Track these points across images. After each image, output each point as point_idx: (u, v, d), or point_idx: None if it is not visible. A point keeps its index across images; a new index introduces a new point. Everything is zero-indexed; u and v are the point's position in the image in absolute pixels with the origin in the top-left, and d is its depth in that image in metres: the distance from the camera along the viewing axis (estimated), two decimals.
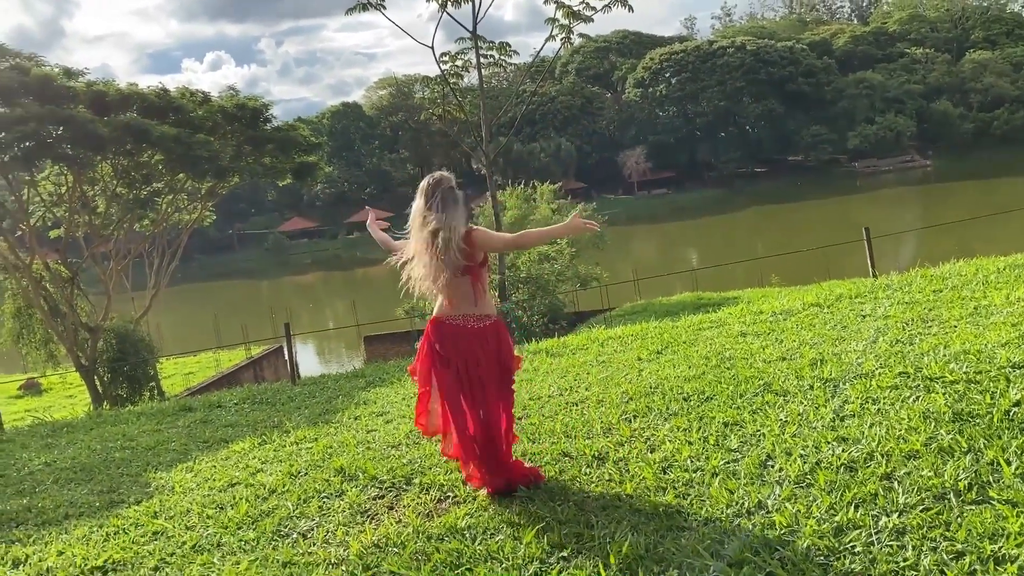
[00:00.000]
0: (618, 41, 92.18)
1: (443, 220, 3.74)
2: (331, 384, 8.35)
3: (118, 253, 20.63)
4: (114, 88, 17.99)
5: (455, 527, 3.59)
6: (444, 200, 3.79)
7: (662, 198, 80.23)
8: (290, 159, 20.62)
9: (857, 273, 15.69)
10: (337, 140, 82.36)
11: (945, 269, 8.80)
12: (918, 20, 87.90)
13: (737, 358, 6.01)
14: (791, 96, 78.56)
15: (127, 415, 8.42)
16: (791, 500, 3.35)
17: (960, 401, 4.07)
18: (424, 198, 3.85)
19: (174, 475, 5.36)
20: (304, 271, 73.19)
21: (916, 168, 78.35)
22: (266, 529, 3.96)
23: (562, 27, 18.16)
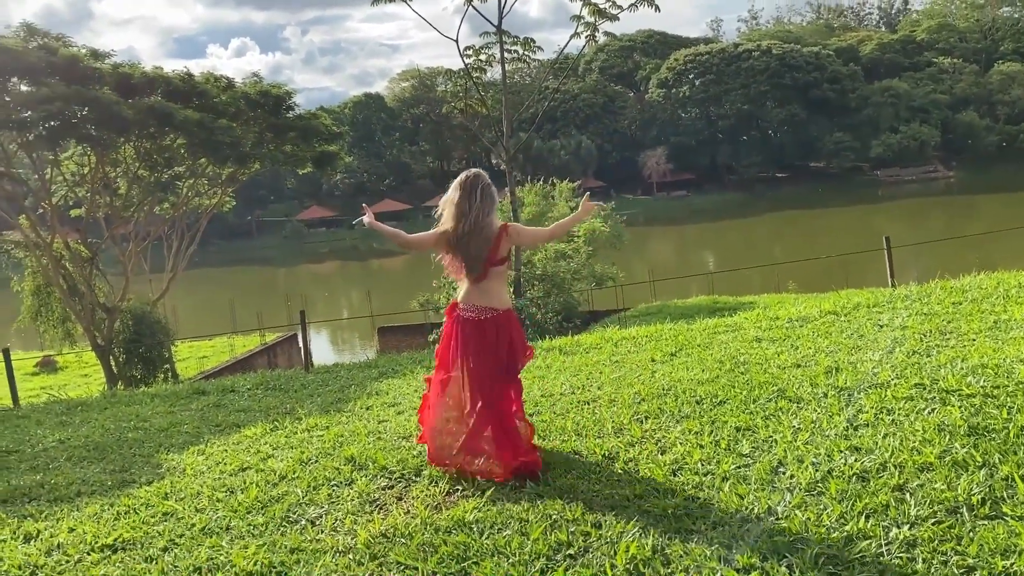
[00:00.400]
0: (643, 40, 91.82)
1: (481, 214, 4.07)
2: (344, 373, 8.38)
3: (137, 235, 20.78)
4: (139, 71, 18.11)
5: (463, 520, 3.60)
6: (483, 196, 4.11)
7: (681, 200, 79.93)
8: (311, 148, 20.70)
9: (876, 282, 15.56)
10: (358, 130, 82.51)
11: (965, 281, 8.72)
12: (947, 30, 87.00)
13: (751, 363, 5.98)
14: (815, 102, 78.00)
15: (141, 396, 8.49)
16: (801, 507, 3.33)
17: (976, 415, 4.04)
18: (462, 191, 4.16)
19: (186, 457, 5.40)
20: (321, 260, 73.46)
21: (939, 179, 77.64)
22: (275, 514, 3.98)
23: (587, 25, 18.10)
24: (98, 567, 3.59)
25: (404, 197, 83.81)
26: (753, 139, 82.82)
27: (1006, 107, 77.43)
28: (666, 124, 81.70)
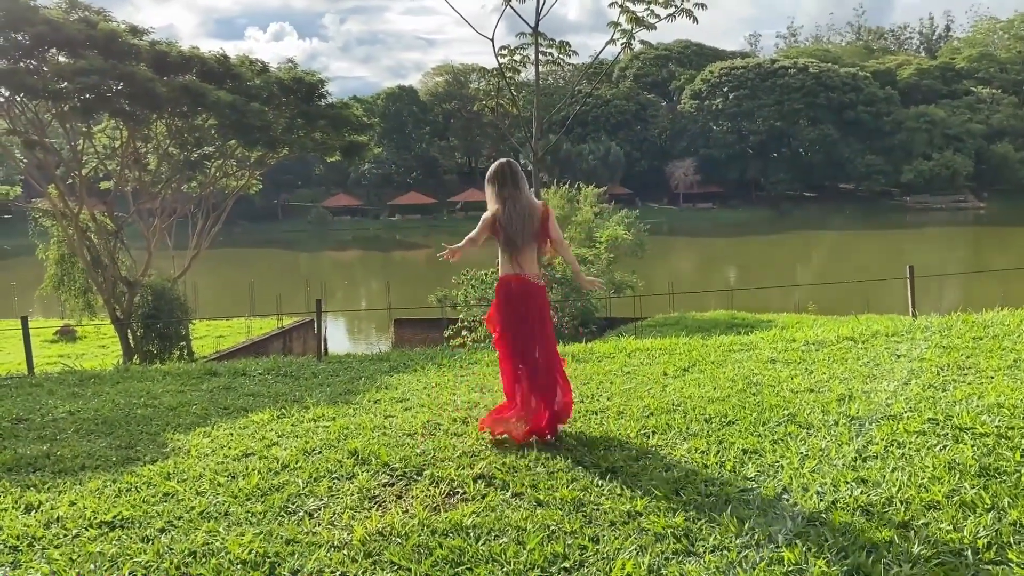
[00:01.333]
0: (679, 50, 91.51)
1: (528, 194, 4.76)
2: (355, 365, 8.39)
3: (163, 211, 20.96)
4: (176, 50, 18.25)
5: (460, 524, 3.58)
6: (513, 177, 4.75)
7: (707, 212, 79.57)
8: (340, 137, 20.76)
9: (897, 310, 15.41)
10: (389, 122, 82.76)
11: (988, 316, 8.59)
12: (988, 59, 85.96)
13: (764, 384, 5.92)
14: (848, 123, 77.36)
15: (153, 373, 8.54)
16: (802, 537, 3.28)
17: (988, 455, 3.97)
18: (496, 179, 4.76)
19: (191, 438, 5.42)
20: (344, 248, 73.79)
21: (969, 209, 76.74)
22: (274, 504, 3.98)
23: (624, 32, 17.99)
24: (95, 543, 3.60)
25: (430, 191, 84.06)
26: (783, 156, 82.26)
27: None
28: (696, 136, 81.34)
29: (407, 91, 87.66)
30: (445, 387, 6.75)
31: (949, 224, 69.14)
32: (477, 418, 5.43)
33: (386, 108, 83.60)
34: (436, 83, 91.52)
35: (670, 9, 17.76)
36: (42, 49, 17.11)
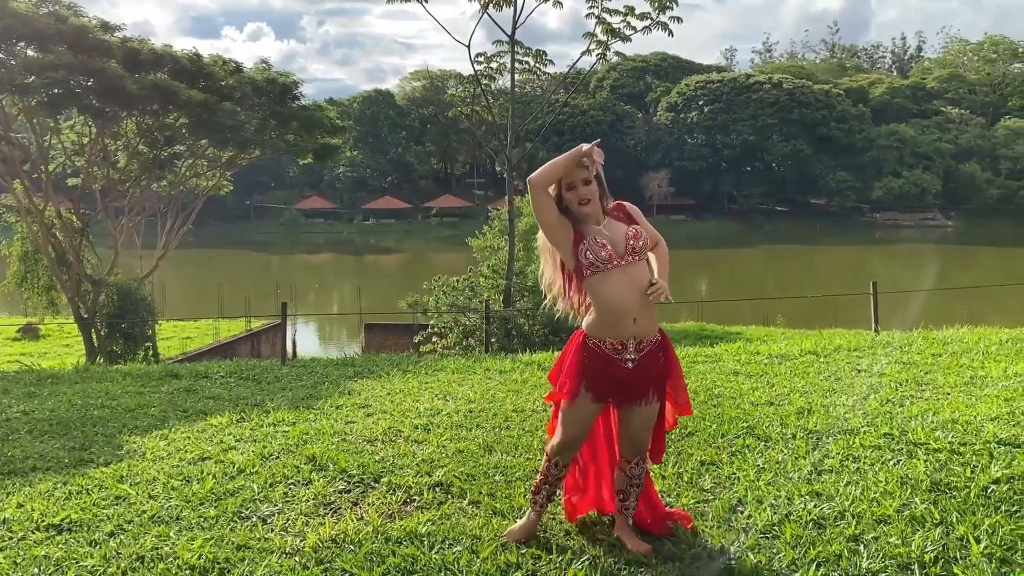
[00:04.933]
0: (656, 63, 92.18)
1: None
2: (320, 369, 8.32)
3: (132, 210, 20.70)
4: (148, 47, 18.05)
5: (415, 532, 3.55)
6: None
7: (680, 224, 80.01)
8: (313, 139, 20.66)
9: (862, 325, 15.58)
10: (365, 125, 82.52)
11: (948, 334, 8.74)
12: (958, 80, 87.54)
13: (725, 397, 5.96)
14: (821, 139, 78.31)
15: (113, 373, 8.42)
16: (754, 550, 3.30)
17: (940, 471, 4.02)
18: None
19: (148, 441, 5.34)
20: (316, 250, 73.31)
21: (937, 227, 77.96)
22: (227, 509, 3.93)
23: (599, 43, 18.13)
24: (40, 547, 3.53)
25: (405, 195, 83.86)
26: (756, 170, 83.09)
27: (1009, 162, 77.84)
28: (671, 148, 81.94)
29: (384, 95, 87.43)
30: (409, 393, 6.72)
31: (917, 241, 70.19)
32: (438, 425, 5.42)
33: (362, 111, 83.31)
34: (413, 88, 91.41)
35: (646, 22, 17.96)
36: (10, 42, 16.86)
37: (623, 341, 3.27)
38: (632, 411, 3.36)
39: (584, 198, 3.27)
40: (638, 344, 3.28)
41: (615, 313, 3.25)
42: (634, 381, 3.29)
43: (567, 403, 3.35)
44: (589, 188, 3.27)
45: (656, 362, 3.34)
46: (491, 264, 20.02)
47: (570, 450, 3.43)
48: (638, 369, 3.28)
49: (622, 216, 3.40)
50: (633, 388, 3.31)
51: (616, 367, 3.28)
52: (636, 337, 3.27)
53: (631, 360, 3.27)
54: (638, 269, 3.28)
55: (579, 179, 3.28)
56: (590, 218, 3.31)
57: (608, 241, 3.26)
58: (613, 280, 3.23)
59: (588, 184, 3.27)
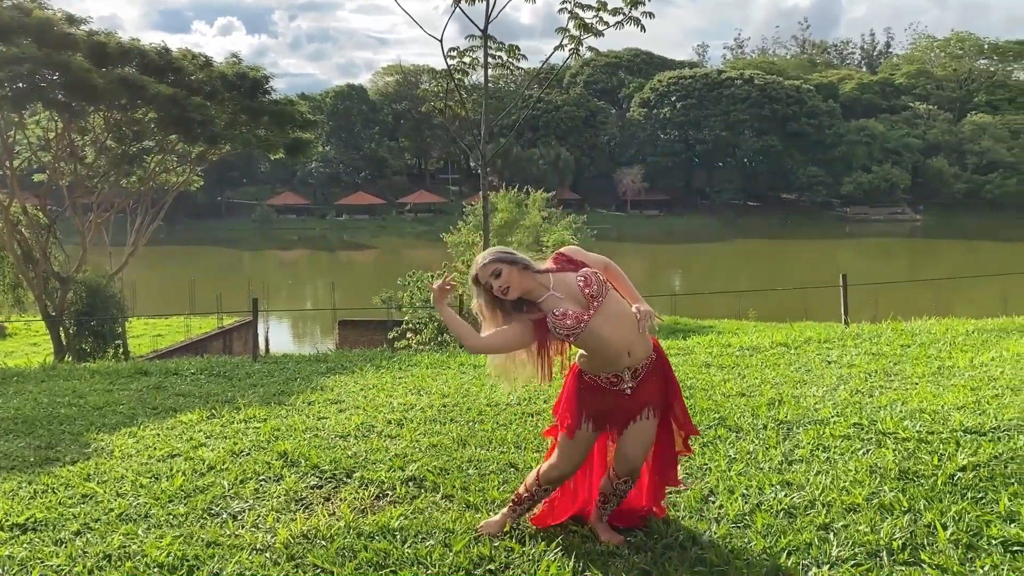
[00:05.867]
0: (629, 59, 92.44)
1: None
2: (291, 365, 8.26)
3: (100, 206, 20.37)
4: (115, 40, 17.74)
5: (387, 527, 3.53)
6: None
7: (653, 219, 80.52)
8: (284, 133, 20.44)
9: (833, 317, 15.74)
10: (338, 121, 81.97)
11: (916, 325, 8.86)
12: (925, 76, 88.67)
13: (697, 388, 5.99)
14: (792, 135, 79.00)
15: (81, 371, 8.30)
16: (726, 539, 3.32)
17: (908, 459, 4.07)
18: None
19: (116, 439, 5.27)
20: (289, 247, 72.71)
21: (905, 221, 79.04)
22: (197, 506, 3.89)
23: (572, 38, 18.11)
24: (4, 547, 3.47)
25: (378, 191, 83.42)
26: (728, 166, 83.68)
27: (975, 157, 79.03)
28: (645, 143, 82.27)
29: (357, 90, 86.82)
30: (382, 389, 6.69)
31: (886, 235, 71.12)
32: (412, 420, 5.39)
33: (335, 106, 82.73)
34: (386, 83, 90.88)
35: (618, 17, 17.97)
36: None
37: (618, 374, 3.27)
38: (628, 429, 3.35)
39: (502, 290, 3.19)
40: (634, 372, 3.28)
41: (609, 355, 3.24)
42: (634, 406, 3.30)
43: (567, 438, 3.35)
44: (499, 281, 3.19)
45: (653, 382, 3.33)
46: (465, 259, 19.99)
47: (566, 479, 3.46)
48: (635, 395, 3.29)
49: (567, 266, 3.33)
50: (633, 412, 3.31)
51: (615, 396, 3.29)
52: (631, 367, 3.27)
53: (629, 388, 3.28)
54: (611, 304, 3.23)
55: (489, 276, 3.21)
56: (532, 294, 3.24)
57: (567, 305, 3.19)
58: (595, 330, 3.18)
59: (498, 277, 3.19)
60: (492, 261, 3.21)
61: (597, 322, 3.18)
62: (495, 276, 3.19)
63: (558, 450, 3.42)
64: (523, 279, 3.21)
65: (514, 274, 3.19)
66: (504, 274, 3.18)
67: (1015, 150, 77.76)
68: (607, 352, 3.22)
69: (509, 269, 3.19)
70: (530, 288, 3.23)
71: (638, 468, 3.38)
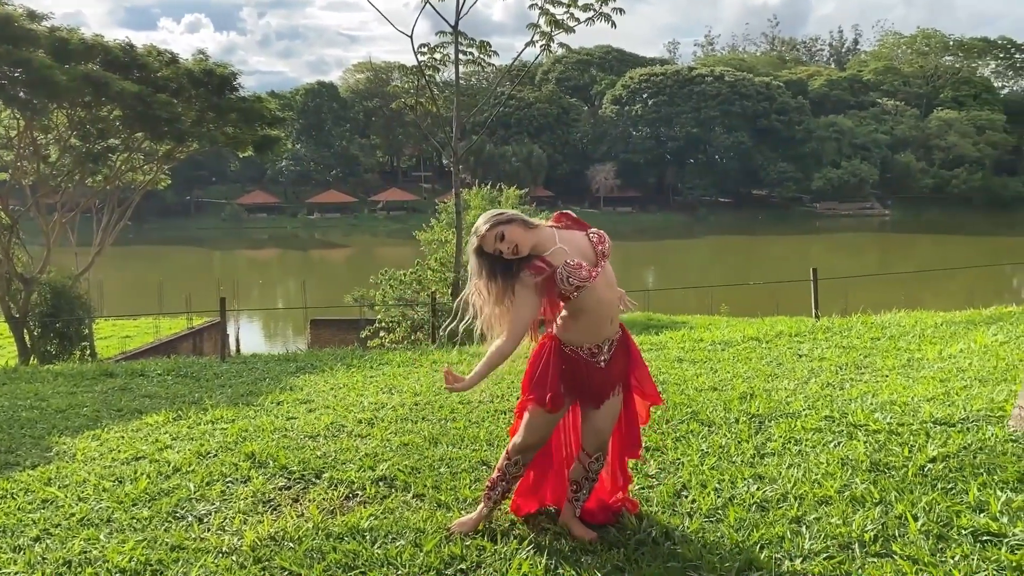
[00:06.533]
0: (600, 56, 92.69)
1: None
2: (261, 365, 8.15)
3: (65, 206, 20.01)
4: (77, 37, 17.40)
5: (357, 527, 3.48)
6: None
7: (626, 216, 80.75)
8: (253, 131, 20.19)
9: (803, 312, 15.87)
10: (308, 118, 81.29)
11: (886, 318, 8.94)
12: (892, 72, 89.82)
13: (670, 383, 5.99)
14: (762, 131, 79.64)
15: (44, 374, 8.12)
16: (699, 533, 3.30)
17: (879, 451, 4.08)
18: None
19: (79, 442, 5.15)
20: (260, 246, 72.04)
21: (874, 216, 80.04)
22: (161, 509, 3.80)
23: (543, 34, 18.08)
24: None
25: (350, 189, 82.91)
26: (700, 162, 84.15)
27: (941, 152, 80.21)
28: (617, 140, 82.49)
29: (327, 87, 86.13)
30: (353, 388, 6.62)
31: (856, 230, 71.98)
32: (383, 419, 5.33)
33: (305, 104, 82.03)
34: (357, 80, 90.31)
35: (589, 13, 17.97)
36: None
37: (599, 344, 3.26)
38: (602, 407, 3.32)
39: (512, 250, 3.12)
40: (610, 344, 3.29)
41: (599, 320, 3.22)
42: (606, 380, 3.29)
43: (546, 411, 3.28)
44: (505, 242, 3.11)
45: (621, 357, 3.33)
46: (439, 257, 19.88)
47: (533, 451, 3.41)
48: (608, 367, 3.29)
49: (572, 224, 3.32)
50: (605, 386, 3.30)
51: (592, 369, 3.27)
52: (609, 338, 3.28)
53: (604, 360, 3.28)
54: (608, 269, 3.25)
55: (495, 243, 3.12)
56: (539, 248, 3.17)
57: (580, 257, 3.17)
58: (597, 290, 3.17)
59: (502, 240, 3.11)
60: (492, 226, 3.12)
61: (601, 281, 3.18)
62: (500, 239, 3.11)
63: (528, 424, 3.36)
64: (528, 234, 3.14)
65: (518, 231, 3.12)
66: (508, 234, 3.11)
67: (980, 145, 79.06)
68: (599, 315, 3.19)
69: (511, 228, 3.12)
70: (537, 242, 3.16)
71: (607, 443, 3.37)
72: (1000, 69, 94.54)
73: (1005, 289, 35.93)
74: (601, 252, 3.24)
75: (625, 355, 3.36)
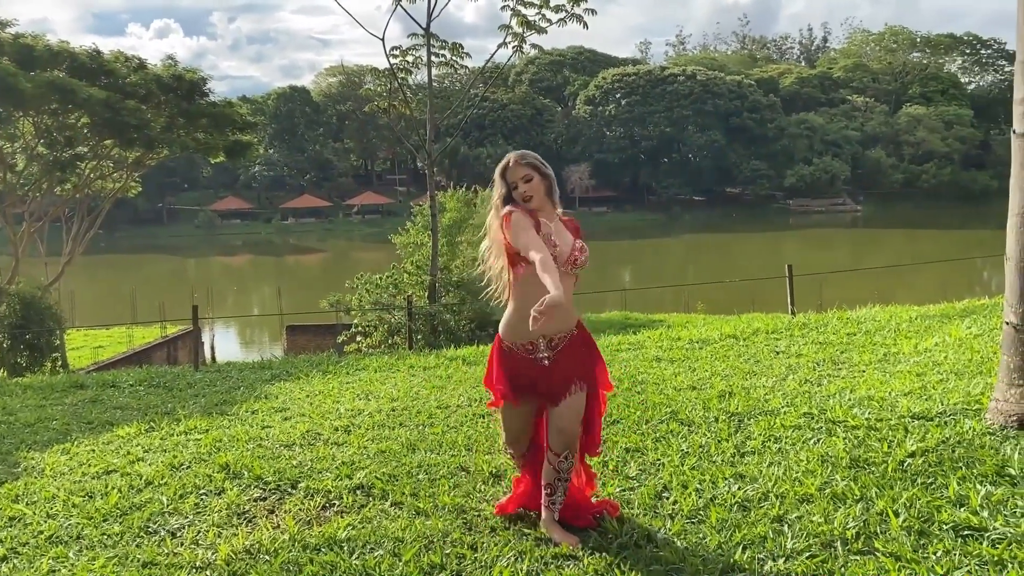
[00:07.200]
0: (573, 56, 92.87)
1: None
2: (235, 373, 8.03)
3: (33, 215, 19.72)
4: (43, 43, 17.16)
5: (334, 538, 3.41)
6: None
7: (602, 216, 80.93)
8: (224, 136, 20.02)
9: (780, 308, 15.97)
10: (281, 123, 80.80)
11: (861, 313, 8.98)
12: (862, 69, 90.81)
13: (649, 383, 5.96)
14: (735, 129, 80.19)
15: (12, 387, 7.95)
16: (681, 535, 3.27)
17: (858, 447, 4.08)
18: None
19: (48, 457, 5.03)
20: (234, 252, 71.40)
21: (847, 212, 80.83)
22: (133, 524, 3.71)
23: (515, 35, 18.07)
24: None
25: (324, 193, 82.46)
26: (673, 161, 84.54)
27: (911, 148, 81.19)
28: (591, 141, 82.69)
29: (299, 91, 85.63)
30: (329, 395, 6.53)
31: (829, 226, 72.63)
32: (359, 426, 5.26)
33: (277, 108, 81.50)
34: (330, 84, 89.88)
35: (561, 14, 17.98)
36: None
37: (532, 341, 3.27)
38: (560, 406, 3.30)
39: (526, 195, 3.26)
40: (549, 342, 3.27)
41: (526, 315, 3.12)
42: (555, 378, 3.27)
43: (498, 404, 3.43)
44: (530, 185, 3.26)
45: (574, 355, 3.31)
46: (415, 260, 19.79)
47: (518, 442, 3.50)
48: (555, 365, 3.27)
49: (572, 229, 3.41)
50: (555, 384, 3.27)
51: (534, 367, 3.27)
52: (545, 336, 3.26)
53: (546, 358, 3.27)
54: (566, 281, 3.21)
55: (519, 178, 3.28)
56: (539, 212, 3.28)
57: (558, 245, 3.25)
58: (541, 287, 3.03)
59: (529, 182, 3.26)
60: (527, 164, 3.28)
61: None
62: (526, 181, 3.27)
63: (501, 420, 3.51)
64: (545, 198, 3.30)
65: (541, 186, 3.28)
66: (534, 181, 3.27)
67: (949, 140, 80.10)
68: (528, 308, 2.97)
69: (540, 180, 3.28)
70: (544, 209, 3.29)
71: (574, 442, 3.33)
72: (966, 65, 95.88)
73: (976, 282, 36.38)
74: (573, 259, 3.28)
75: (582, 353, 3.34)
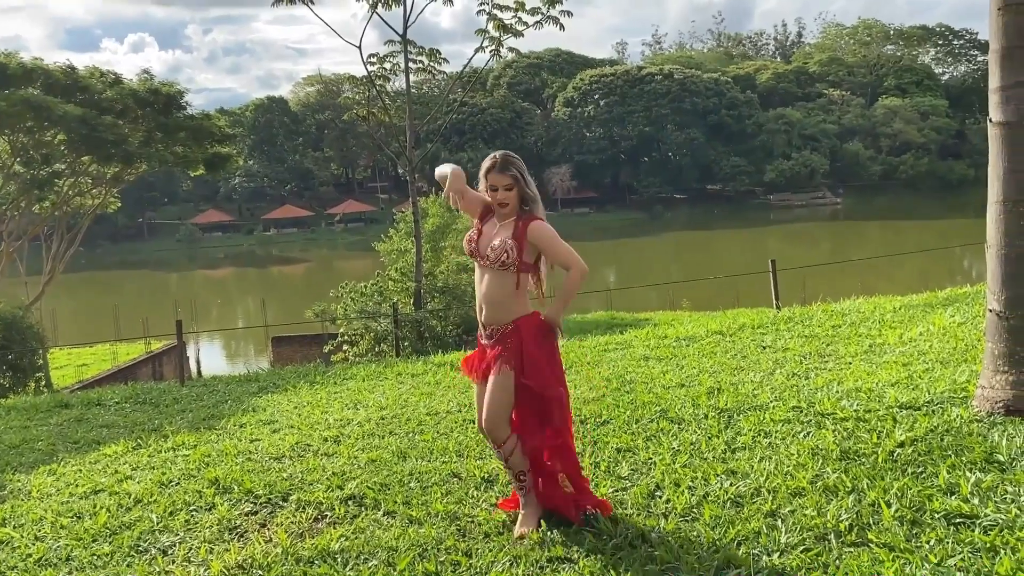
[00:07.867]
0: (550, 59, 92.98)
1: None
2: (221, 387, 7.97)
3: (11, 234, 19.52)
4: (16, 61, 17.01)
5: (327, 550, 3.39)
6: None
7: (584, 217, 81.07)
8: (203, 149, 19.91)
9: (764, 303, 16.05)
10: (260, 134, 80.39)
11: (845, 305, 9.03)
12: (837, 63, 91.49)
13: (638, 382, 5.97)
14: (713, 127, 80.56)
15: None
16: (675, 534, 3.27)
17: (848, 439, 4.10)
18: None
19: (34, 478, 4.97)
20: (216, 265, 70.97)
21: (827, 205, 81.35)
22: (123, 543, 3.67)
23: (492, 39, 18.08)
24: None
25: (306, 203, 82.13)
26: (654, 160, 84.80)
27: (888, 139, 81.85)
28: (571, 142, 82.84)
29: (277, 102, 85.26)
30: (317, 405, 6.50)
31: (810, 219, 73.11)
32: (349, 436, 5.23)
33: (256, 120, 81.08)
34: (308, 93, 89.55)
35: (537, 17, 18.01)
36: None
37: (484, 323, 3.52)
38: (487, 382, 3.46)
39: (502, 203, 3.45)
40: (488, 331, 3.50)
41: (477, 301, 3.53)
42: (488, 357, 3.47)
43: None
44: (508, 194, 3.43)
45: (508, 343, 3.42)
46: (399, 267, 19.75)
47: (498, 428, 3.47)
48: (491, 349, 3.46)
49: (520, 230, 3.45)
50: (489, 363, 3.46)
51: (484, 350, 3.52)
52: (486, 324, 3.50)
53: (486, 342, 3.51)
54: (491, 274, 3.43)
55: (501, 185, 3.45)
56: (501, 216, 3.50)
57: (478, 238, 3.50)
58: (476, 272, 3.53)
59: (509, 190, 3.43)
60: (512, 174, 3.43)
61: (478, 270, 3.51)
62: (507, 189, 3.44)
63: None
64: (516, 206, 3.47)
65: (516, 198, 3.45)
66: (514, 191, 3.44)
67: (925, 131, 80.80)
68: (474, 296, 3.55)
69: (518, 190, 3.44)
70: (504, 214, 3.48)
71: (496, 425, 3.39)
72: (940, 56, 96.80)
73: (957, 271, 36.72)
74: (486, 254, 3.43)
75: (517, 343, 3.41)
